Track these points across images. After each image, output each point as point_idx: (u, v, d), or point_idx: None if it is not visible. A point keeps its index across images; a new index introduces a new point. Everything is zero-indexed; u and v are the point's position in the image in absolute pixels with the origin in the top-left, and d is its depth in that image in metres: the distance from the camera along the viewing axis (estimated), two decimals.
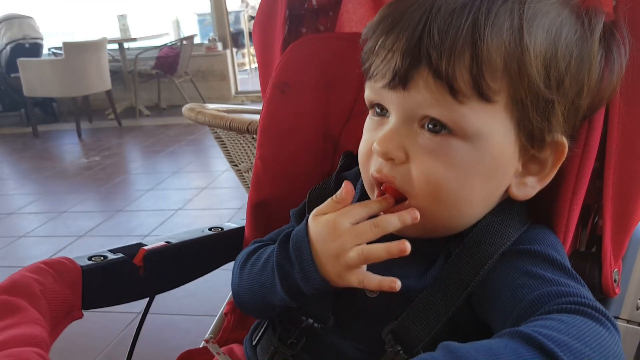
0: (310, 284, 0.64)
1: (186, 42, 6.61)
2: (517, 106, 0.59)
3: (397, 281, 0.59)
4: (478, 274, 0.62)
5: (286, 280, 0.67)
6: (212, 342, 0.83)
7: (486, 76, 0.57)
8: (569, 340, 0.46)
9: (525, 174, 0.64)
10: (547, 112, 0.60)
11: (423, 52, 0.57)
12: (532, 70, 0.57)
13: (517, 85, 0.58)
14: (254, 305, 0.76)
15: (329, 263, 0.62)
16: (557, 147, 0.63)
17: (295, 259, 0.65)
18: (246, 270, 0.76)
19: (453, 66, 0.57)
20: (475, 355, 0.44)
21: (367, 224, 0.62)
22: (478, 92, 0.58)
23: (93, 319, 1.86)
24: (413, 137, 0.62)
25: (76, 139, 5.94)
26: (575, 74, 0.60)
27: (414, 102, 0.60)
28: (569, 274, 0.59)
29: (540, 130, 0.60)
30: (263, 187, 0.96)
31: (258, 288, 0.72)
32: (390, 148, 0.62)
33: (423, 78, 0.58)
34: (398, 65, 0.59)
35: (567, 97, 0.60)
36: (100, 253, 0.82)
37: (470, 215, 0.65)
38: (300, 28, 1.03)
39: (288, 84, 0.95)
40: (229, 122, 1.61)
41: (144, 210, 3.67)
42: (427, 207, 0.62)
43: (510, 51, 0.57)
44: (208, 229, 0.96)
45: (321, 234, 0.63)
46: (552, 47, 0.59)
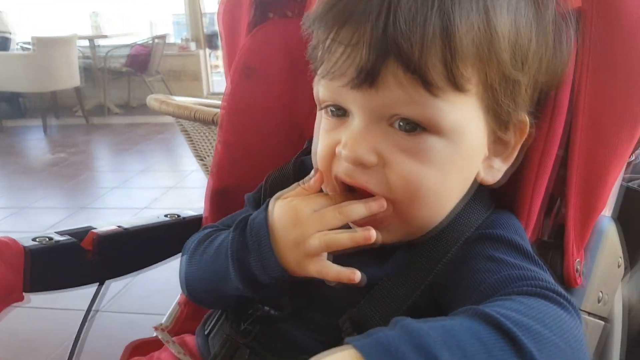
0: (268, 272, 0.61)
1: (158, 41, 6.54)
2: (487, 92, 0.57)
3: (357, 272, 0.56)
4: (441, 260, 0.60)
5: (242, 269, 0.63)
6: (162, 330, 0.79)
7: (459, 64, 0.53)
8: (528, 321, 0.44)
9: (490, 157, 0.62)
10: (514, 92, 0.58)
11: (391, 44, 0.52)
12: (501, 51, 0.55)
13: (487, 70, 0.55)
14: (206, 295, 0.72)
15: (289, 251, 0.59)
16: (520, 126, 0.61)
17: (252, 245, 0.62)
18: (196, 257, 0.72)
19: (425, 57, 0.52)
20: (429, 332, 0.42)
21: (330, 209, 0.58)
22: (452, 83, 0.54)
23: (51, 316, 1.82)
24: (385, 138, 0.57)
25: (42, 135, 5.81)
26: (536, 50, 0.58)
27: (383, 101, 0.55)
28: (531, 259, 0.57)
29: (507, 112, 0.58)
30: (224, 173, 0.94)
31: (210, 276, 0.69)
32: (362, 152, 0.56)
33: (392, 73, 0.53)
34: (363, 61, 0.53)
35: (530, 74, 0.58)
36: (47, 234, 0.78)
37: (447, 210, 0.62)
38: (268, 13, 1.00)
39: (253, 68, 0.93)
40: (194, 113, 1.58)
41: (108, 208, 3.60)
42: (407, 210, 0.59)
43: (481, 35, 0.54)
44: (164, 216, 0.93)
45: (282, 219, 0.60)
46: (515, 24, 0.56)
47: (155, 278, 2.50)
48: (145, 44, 6.63)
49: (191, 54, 6.98)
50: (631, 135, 0.65)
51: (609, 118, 0.65)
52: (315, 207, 0.59)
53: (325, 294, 0.65)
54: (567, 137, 0.66)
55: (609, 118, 0.65)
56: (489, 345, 0.42)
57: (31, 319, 2.25)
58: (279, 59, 0.93)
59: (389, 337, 0.41)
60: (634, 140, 0.66)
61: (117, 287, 2.45)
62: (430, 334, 0.41)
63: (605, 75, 0.64)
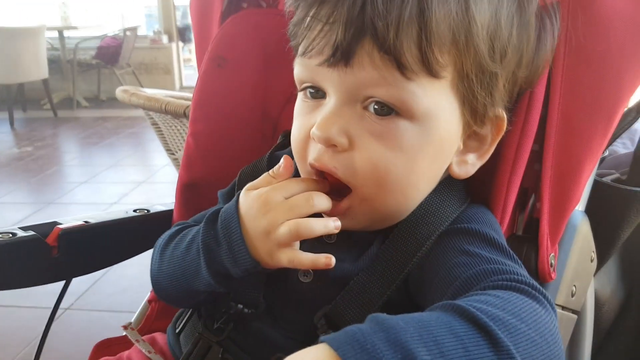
0: (239, 264, 0.59)
1: (129, 33, 6.43)
2: (462, 81, 0.56)
3: (332, 257, 0.56)
4: (415, 255, 0.59)
5: (213, 262, 0.61)
6: (130, 329, 0.77)
7: (435, 49, 0.53)
8: (503, 315, 0.44)
9: (465, 152, 0.62)
10: (491, 85, 0.57)
11: (367, 24, 0.52)
12: (478, 41, 0.54)
13: (463, 59, 0.55)
14: (176, 293, 0.69)
15: (259, 240, 0.58)
16: (497, 122, 0.60)
17: (223, 237, 0.60)
18: (167, 254, 0.70)
19: (401, 39, 0.52)
20: (405, 327, 0.41)
21: (301, 196, 0.57)
22: (426, 67, 0.53)
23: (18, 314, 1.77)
24: (357, 120, 0.56)
25: (8, 128, 5.67)
26: (516, 44, 0.58)
27: (358, 81, 0.55)
28: (505, 253, 0.57)
29: (483, 105, 0.58)
30: (194, 167, 0.91)
31: (181, 273, 0.66)
32: (333, 133, 0.56)
33: (367, 53, 0.53)
34: (339, 39, 0.53)
35: (508, 69, 0.58)
36: (9, 230, 0.75)
37: (416, 200, 0.62)
38: (241, 3, 0.98)
39: (225, 58, 0.91)
40: (165, 105, 1.54)
41: (76, 204, 3.53)
42: (373, 197, 0.58)
43: (458, 21, 0.53)
44: (133, 210, 0.90)
45: (252, 208, 0.58)
46: (495, 16, 0.56)
47: (124, 275, 2.49)
48: (116, 36, 6.53)
49: (163, 47, 6.89)
50: (605, 130, 0.66)
51: (583, 113, 0.65)
52: (285, 194, 0.58)
53: (300, 291, 0.64)
54: (542, 132, 0.66)
55: (583, 113, 0.65)
56: (465, 340, 0.41)
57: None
58: (252, 49, 0.91)
59: (364, 333, 0.41)
60: (607, 135, 0.66)
61: (85, 284, 2.42)
62: (407, 330, 0.41)
63: (580, 71, 0.64)
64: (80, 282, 2.38)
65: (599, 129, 0.65)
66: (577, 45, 0.63)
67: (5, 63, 5.55)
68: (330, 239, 0.64)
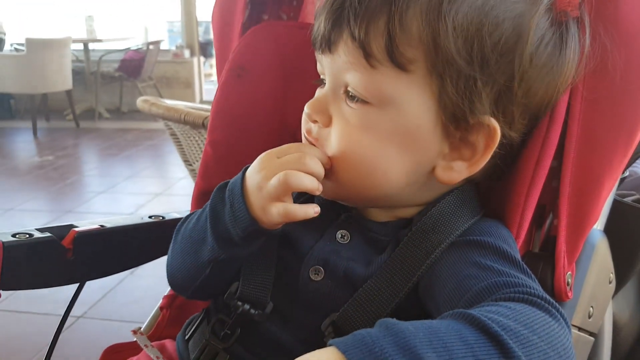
0: (239, 222, 0.62)
1: (152, 47, 6.52)
2: (436, 79, 0.57)
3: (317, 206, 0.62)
4: (424, 263, 0.59)
5: (217, 223, 0.65)
6: (140, 334, 0.77)
7: (399, 43, 0.56)
8: (515, 325, 0.43)
9: (455, 158, 0.61)
10: (469, 90, 0.57)
11: (344, 15, 0.58)
12: (448, 42, 0.55)
13: (433, 57, 0.56)
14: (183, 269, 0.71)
15: (254, 196, 0.62)
16: (488, 131, 0.59)
17: (228, 198, 0.64)
18: (180, 232, 0.73)
19: (367, 29, 0.57)
20: (414, 332, 0.41)
21: (294, 155, 0.61)
22: (391, 58, 0.57)
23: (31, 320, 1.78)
24: (338, 103, 0.63)
25: (31, 137, 5.76)
26: (504, 55, 0.56)
27: (337, 66, 0.61)
28: (519, 267, 0.56)
29: (461, 109, 0.58)
30: (211, 174, 0.92)
31: (189, 246, 0.69)
32: (315, 110, 0.64)
33: (343, 40, 0.59)
34: (324, 29, 0.61)
35: (495, 79, 0.57)
36: (27, 231, 0.76)
37: (388, 188, 0.63)
38: (262, 15, 0.99)
39: (245, 68, 0.92)
40: (184, 116, 1.56)
41: (94, 213, 3.56)
42: (343, 171, 0.62)
43: (426, 20, 0.55)
44: (148, 217, 0.91)
45: (253, 167, 0.64)
46: (478, 21, 0.55)
47: (138, 286, 2.50)
48: (139, 49, 6.62)
49: (184, 62, 6.97)
50: (626, 146, 0.64)
51: (604, 129, 0.64)
52: (280, 154, 0.63)
53: (310, 290, 0.65)
54: (560, 147, 0.65)
55: (605, 129, 0.64)
56: (475, 348, 0.41)
57: (10, 323, 2.22)
58: (272, 60, 0.92)
59: (373, 337, 0.40)
60: (628, 151, 0.65)
61: (98, 293, 2.43)
62: (416, 335, 0.40)
63: (602, 85, 0.63)
64: (93, 291, 2.42)
65: (619, 144, 0.64)
66: (598, 60, 0.62)
67: (31, 73, 5.65)
68: (344, 239, 0.66)
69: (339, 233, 0.67)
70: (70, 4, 7.73)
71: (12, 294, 2.33)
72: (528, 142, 0.64)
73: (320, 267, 0.64)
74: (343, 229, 0.67)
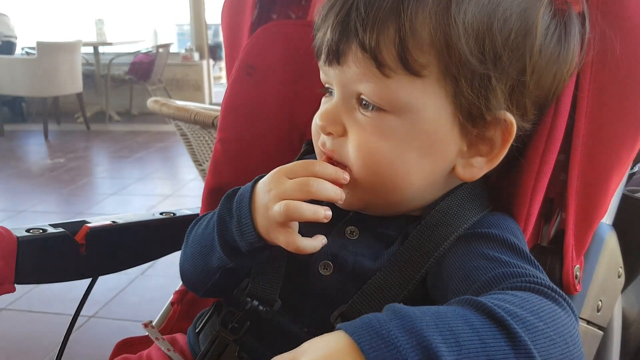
0: (245, 237, 0.62)
1: (162, 50, 6.56)
2: (450, 81, 0.57)
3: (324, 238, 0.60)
4: (433, 255, 0.60)
5: (224, 234, 0.65)
6: (151, 327, 0.78)
7: (411, 49, 0.56)
8: (521, 312, 0.44)
9: (473, 154, 0.62)
10: (484, 88, 0.57)
11: (351, 26, 0.57)
12: (461, 44, 0.56)
13: (446, 60, 0.56)
14: (195, 273, 0.72)
15: (260, 215, 0.61)
16: (505, 126, 0.60)
17: (235, 210, 0.64)
18: (191, 235, 0.74)
19: (377, 39, 0.56)
20: (421, 316, 0.42)
21: (296, 180, 0.60)
22: (404, 66, 0.56)
23: (44, 319, 1.80)
24: (351, 113, 0.62)
25: (42, 140, 5.81)
26: (515, 50, 0.57)
27: (348, 77, 0.60)
28: (526, 259, 0.57)
29: (477, 107, 0.58)
30: (221, 172, 0.93)
31: (199, 249, 0.70)
32: (328, 122, 0.63)
33: (353, 52, 0.58)
34: (331, 41, 0.60)
35: (508, 74, 0.58)
36: (40, 226, 0.77)
37: (411, 193, 0.63)
38: (271, 14, 1.00)
39: (254, 66, 0.93)
40: (194, 115, 1.57)
41: (104, 214, 3.54)
42: (364, 179, 0.62)
43: (436, 24, 0.56)
44: (160, 214, 0.92)
45: (263, 183, 0.62)
46: (487, 20, 0.56)
47: (149, 286, 2.51)
48: (149, 52, 6.66)
49: (194, 64, 7.00)
50: (634, 139, 0.65)
51: (611, 122, 0.64)
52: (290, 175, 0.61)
53: (319, 284, 0.65)
54: (568, 141, 0.66)
55: (612, 122, 0.64)
56: (481, 332, 0.41)
57: (23, 322, 2.25)
58: (281, 59, 0.93)
59: (380, 320, 0.41)
60: (636, 145, 0.66)
61: (110, 293, 2.44)
62: (422, 319, 0.41)
63: (608, 79, 0.64)
64: (105, 291, 2.43)
65: (627, 138, 0.64)
66: (605, 54, 0.63)
67: (42, 76, 5.70)
68: (353, 235, 0.67)
69: (348, 229, 0.67)
70: (81, 8, 7.79)
71: (25, 294, 2.35)
72: (533, 137, 0.65)
73: (329, 262, 0.65)
74: (352, 225, 0.67)
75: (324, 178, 0.60)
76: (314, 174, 0.60)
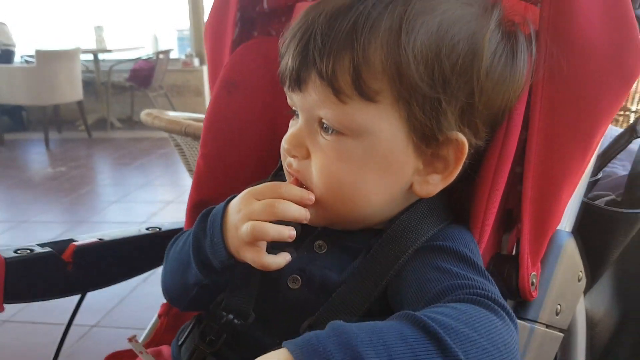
0: (217, 256, 0.66)
1: (162, 56, 6.58)
2: (403, 105, 0.61)
3: (288, 255, 0.65)
4: (393, 267, 0.63)
5: (198, 252, 0.69)
6: (135, 341, 0.81)
7: (365, 77, 0.59)
8: (457, 324, 0.47)
9: (429, 172, 0.66)
10: (435, 111, 0.61)
11: (310, 56, 0.61)
12: (411, 71, 0.59)
13: (398, 86, 0.60)
14: (174, 288, 0.77)
15: (231, 234, 0.65)
16: (457, 145, 0.63)
17: (209, 229, 0.68)
18: (170, 252, 0.78)
19: (334, 68, 0.59)
20: (357, 332, 0.45)
21: (263, 202, 0.64)
22: (359, 92, 0.60)
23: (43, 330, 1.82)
24: (314, 136, 0.65)
25: (44, 148, 5.84)
26: (463, 74, 0.61)
27: (309, 103, 0.64)
28: (477, 270, 0.60)
29: (430, 129, 0.62)
30: (204, 187, 0.95)
31: (177, 266, 0.74)
32: (293, 145, 0.67)
33: (312, 80, 0.62)
34: (292, 69, 0.63)
35: (457, 97, 0.61)
36: (28, 246, 0.81)
37: (371, 209, 0.67)
38: (252, 31, 1.02)
39: (235, 84, 0.95)
40: (185, 128, 1.61)
41: (107, 222, 3.62)
42: (327, 198, 0.66)
43: (387, 53, 0.59)
44: (145, 229, 0.95)
45: (233, 205, 0.67)
46: (435, 47, 0.59)
47: (151, 293, 2.53)
48: (149, 59, 6.67)
49: (194, 70, 7.02)
50: (584, 153, 0.68)
51: (562, 136, 0.67)
52: (258, 196, 0.65)
53: (289, 298, 0.69)
54: (524, 154, 0.69)
55: (562, 136, 0.67)
56: (415, 346, 0.45)
57: (26, 334, 2.26)
58: (261, 76, 0.95)
59: (319, 337, 0.45)
60: (587, 157, 0.69)
61: (112, 302, 2.47)
62: (358, 335, 0.45)
63: (558, 97, 0.66)
64: (106, 299, 2.46)
65: (577, 151, 0.67)
66: (555, 72, 0.66)
67: (42, 85, 5.72)
68: (321, 249, 0.70)
69: (316, 243, 0.71)
70: (80, 15, 7.81)
71: (27, 306, 2.38)
72: (487, 152, 0.68)
73: (297, 276, 0.68)
74: (320, 239, 0.71)
75: (289, 199, 0.64)
76: (280, 196, 0.64)
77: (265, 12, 1.01)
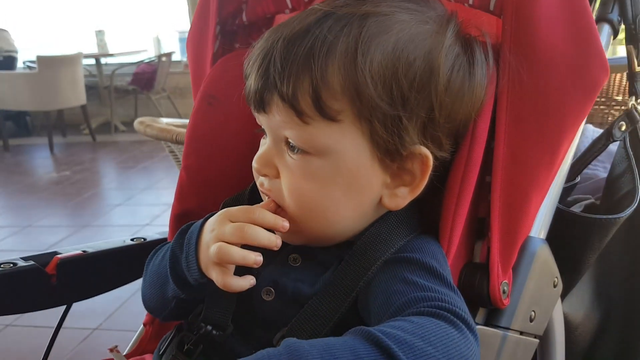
0: (191, 273, 0.68)
1: (164, 59, 6.61)
2: (364, 123, 0.62)
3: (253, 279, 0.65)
4: (362, 279, 0.64)
5: (175, 268, 0.71)
6: (116, 351, 0.83)
7: (325, 98, 0.60)
8: (411, 338, 0.48)
9: (397, 185, 0.67)
10: (397, 127, 0.62)
11: (270, 78, 0.62)
12: (369, 90, 0.60)
13: (358, 105, 0.61)
14: (154, 300, 0.78)
15: (204, 253, 0.67)
16: (421, 158, 0.64)
17: (185, 245, 0.70)
18: (150, 265, 0.79)
19: (294, 91, 0.61)
20: (309, 350, 0.46)
21: (234, 225, 0.64)
22: (320, 113, 0.61)
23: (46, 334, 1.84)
24: (282, 156, 0.67)
25: (48, 153, 5.89)
26: (421, 90, 0.62)
27: (274, 124, 0.65)
28: (443, 282, 0.60)
29: (393, 144, 0.63)
30: (186, 198, 0.97)
31: (156, 279, 0.76)
32: (262, 165, 0.68)
33: (275, 102, 0.63)
34: (255, 93, 0.65)
35: (417, 113, 0.62)
36: (11, 260, 0.82)
37: (344, 225, 0.68)
38: (234, 44, 1.03)
39: (216, 96, 0.96)
40: (176, 136, 1.63)
41: (111, 226, 3.65)
42: (298, 217, 0.67)
43: (345, 74, 0.60)
44: (130, 240, 0.97)
45: (209, 224, 0.68)
46: (392, 66, 0.60)
47: None
48: (151, 62, 6.70)
49: None
50: (551, 162, 0.68)
51: (527, 146, 0.68)
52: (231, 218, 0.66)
53: (264, 309, 0.70)
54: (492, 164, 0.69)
55: (528, 146, 0.68)
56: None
57: (28, 338, 2.28)
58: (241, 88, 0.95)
59: (271, 356, 0.46)
60: (554, 166, 0.69)
61: (114, 305, 2.48)
62: (310, 352, 0.46)
63: (523, 105, 0.67)
64: (109, 302, 2.48)
65: (544, 161, 0.68)
66: (519, 83, 0.66)
67: (44, 90, 5.76)
68: (296, 262, 0.71)
69: (291, 256, 0.72)
70: (81, 19, 7.84)
71: None
72: (453, 163, 0.68)
73: (271, 288, 0.70)
74: (295, 252, 0.72)
75: (262, 225, 0.64)
76: (253, 221, 0.64)
77: (245, 25, 1.02)
